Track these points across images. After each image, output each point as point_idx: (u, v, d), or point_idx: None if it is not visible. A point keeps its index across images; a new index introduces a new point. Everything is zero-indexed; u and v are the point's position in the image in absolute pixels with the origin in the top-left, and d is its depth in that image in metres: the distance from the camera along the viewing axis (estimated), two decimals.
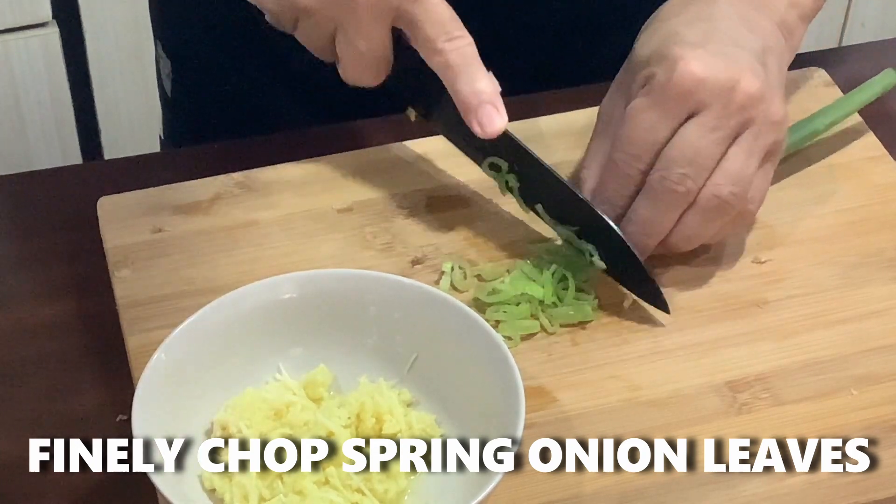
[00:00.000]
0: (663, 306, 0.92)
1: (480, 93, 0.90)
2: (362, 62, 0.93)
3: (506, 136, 0.92)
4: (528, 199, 0.95)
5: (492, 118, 0.90)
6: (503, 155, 0.94)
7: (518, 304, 0.91)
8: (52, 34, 1.98)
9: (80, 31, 2.00)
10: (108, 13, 2.00)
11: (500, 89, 0.91)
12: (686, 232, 0.91)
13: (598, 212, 0.91)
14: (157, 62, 1.25)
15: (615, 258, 0.92)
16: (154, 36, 1.25)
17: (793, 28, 0.97)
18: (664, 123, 0.90)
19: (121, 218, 0.97)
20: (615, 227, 0.91)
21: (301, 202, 0.98)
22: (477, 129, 0.90)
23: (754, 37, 0.93)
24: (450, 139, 0.97)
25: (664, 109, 0.89)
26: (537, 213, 0.95)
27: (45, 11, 1.96)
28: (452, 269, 0.94)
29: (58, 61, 2.00)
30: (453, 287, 0.93)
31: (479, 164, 0.96)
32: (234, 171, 1.00)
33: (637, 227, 0.91)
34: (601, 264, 0.92)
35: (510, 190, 0.96)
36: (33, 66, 1.99)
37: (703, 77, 0.89)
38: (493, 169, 0.95)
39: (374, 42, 0.92)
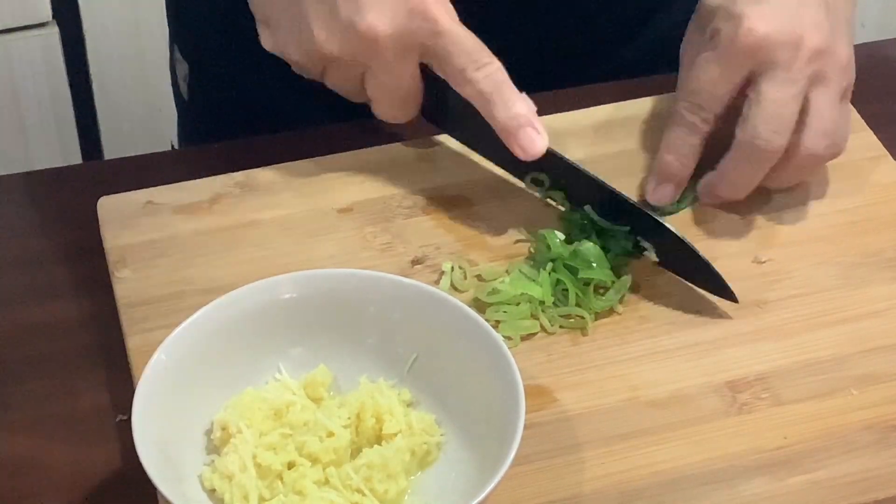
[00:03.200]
0: (729, 295, 0.92)
1: (518, 116, 0.92)
2: (393, 100, 0.96)
3: (547, 153, 0.93)
4: (576, 204, 0.96)
5: (533, 140, 0.92)
6: (545, 169, 0.96)
7: (518, 304, 0.91)
8: (52, 34, 1.98)
9: (80, 31, 2.01)
10: (108, 13, 2.00)
11: (535, 109, 0.93)
12: (781, 182, 0.96)
13: (648, 212, 0.94)
14: (173, 66, 1.25)
15: (671, 253, 0.94)
16: (170, 40, 1.25)
17: None
18: (727, 78, 0.93)
19: (121, 218, 0.97)
20: (668, 226, 0.93)
21: (301, 202, 0.98)
22: (519, 153, 0.93)
23: None
24: (490, 159, 0.99)
25: (728, 65, 0.93)
26: (587, 214, 0.96)
27: (45, 11, 1.96)
28: (452, 269, 0.94)
29: (58, 61, 2.00)
30: (453, 287, 0.93)
31: (523, 180, 0.98)
32: (234, 171, 1.00)
33: (729, 185, 0.94)
34: (654, 258, 0.94)
35: (554, 201, 0.98)
36: (33, 66, 1.99)
37: (765, 34, 0.92)
38: (536, 184, 0.98)
39: (403, 79, 0.94)
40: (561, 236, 0.94)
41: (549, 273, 0.92)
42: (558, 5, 1.11)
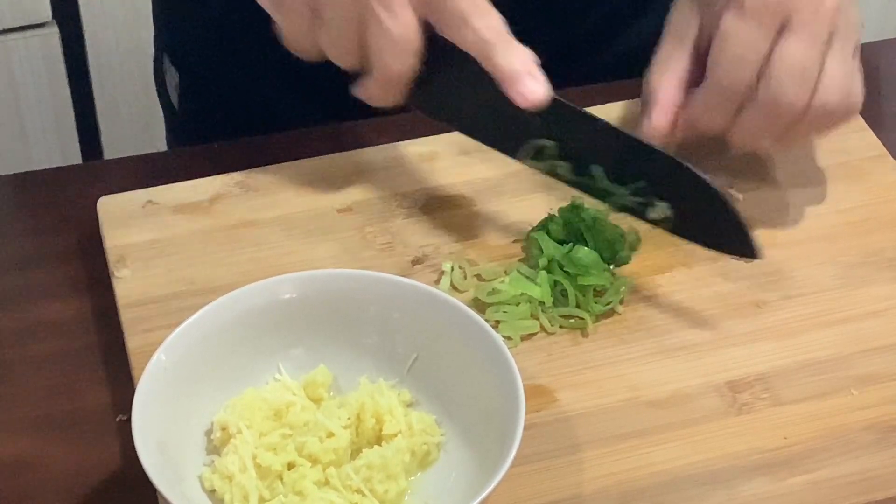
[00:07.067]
0: (751, 252, 0.91)
1: (519, 64, 0.90)
2: (394, 51, 0.90)
3: (553, 103, 0.90)
4: (581, 167, 0.93)
5: (534, 88, 0.90)
6: (548, 130, 0.92)
7: (518, 304, 0.91)
8: (52, 34, 1.98)
9: (80, 31, 2.00)
10: (108, 13, 2.00)
11: (537, 59, 0.90)
12: (795, 139, 0.94)
13: (677, 158, 0.91)
14: (162, 74, 1.25)
15: (690, 207, 0.92)
16: (156, 47, 1.25)
17: None
18: (763, 37, 0.91)
19: (121, 218, 0.97)
20: (690, 166, 0.91)
21: (301, 202, 0.98)
22: (520, 101, 0.89)
23: None
24: (481, 138, 0.96)
25: (761, 23, 0.91)
26: (589, 185, 0.93)
27: (45, 11, 1.96)
28: (452, 269, 0.94)
29: (58, 61, 2.00)
30: (453, 287, 0.93)
31: (516, 156, 0.94)
32: (234, 171, 1.00)
33: (745, 138, 0.93)
34: (666, 212, 0.92)
35: (556, 174, 0.94)
36: (33, 66, 1.99)
37: None
38: (536, 157, 0.94)
39: (406, 25, 0.89)
40: (551, 242, 0.93)
41: (547, 274, 0.92)
42: (533, 9, 1.10)
